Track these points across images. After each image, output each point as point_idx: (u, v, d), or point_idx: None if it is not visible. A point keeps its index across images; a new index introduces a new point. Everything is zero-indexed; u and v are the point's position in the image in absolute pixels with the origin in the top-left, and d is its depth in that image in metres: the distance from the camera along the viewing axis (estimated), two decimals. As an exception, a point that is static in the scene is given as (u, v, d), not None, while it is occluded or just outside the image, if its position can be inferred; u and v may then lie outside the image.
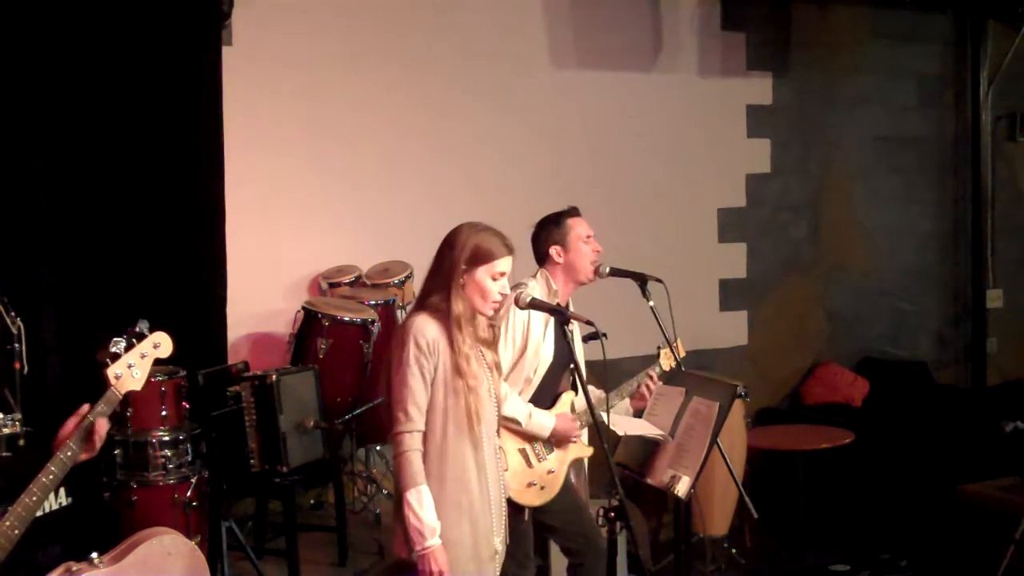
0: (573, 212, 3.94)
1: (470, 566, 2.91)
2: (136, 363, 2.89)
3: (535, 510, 3.72)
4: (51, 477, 2.68)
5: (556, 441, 3.74)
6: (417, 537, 2.82)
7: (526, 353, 3.69)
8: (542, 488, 3.72)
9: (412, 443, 2.86)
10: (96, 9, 4.69)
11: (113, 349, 2.90)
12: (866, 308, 7.09)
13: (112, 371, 2.84)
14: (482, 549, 2.94)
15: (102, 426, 2.76)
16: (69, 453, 2.71)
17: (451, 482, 2.89)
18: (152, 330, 2.98)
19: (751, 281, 6.74)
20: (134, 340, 2.94)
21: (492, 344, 3.04)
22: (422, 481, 2.84)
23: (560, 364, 3.78)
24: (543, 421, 3.69)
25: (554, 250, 3.84)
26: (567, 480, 3.85)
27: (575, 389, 3.87)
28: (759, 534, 5.53)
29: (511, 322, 3.67)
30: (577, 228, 3.87)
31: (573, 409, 3.84)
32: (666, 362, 3.96)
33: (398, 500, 2.91)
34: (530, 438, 3.70)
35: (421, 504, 2.82)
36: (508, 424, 3.54)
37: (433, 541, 2.82)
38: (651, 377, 3.91)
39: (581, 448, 3.87)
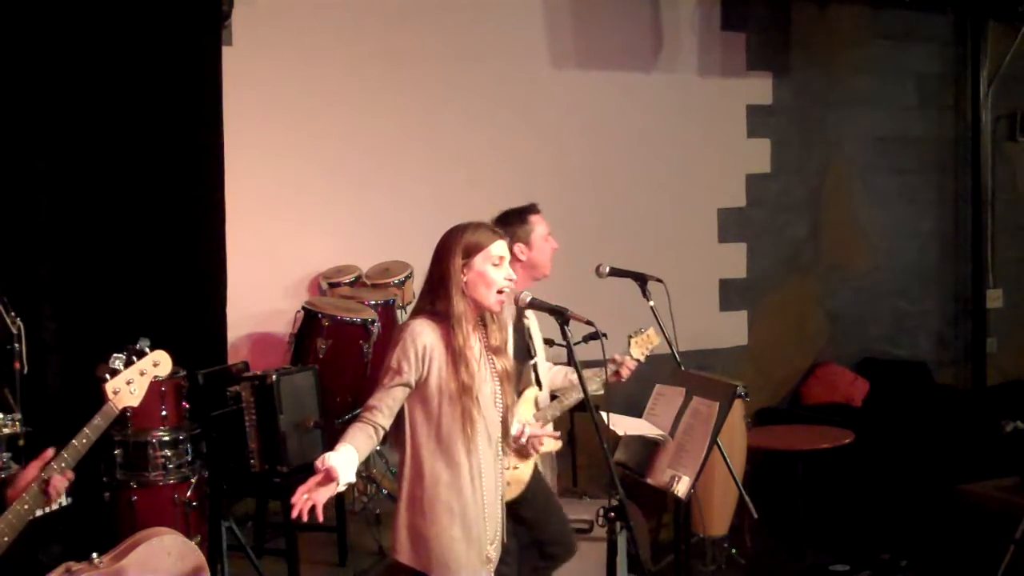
0: (535, 209, 3.96)
1: (460, 572, 2.89)
2: (135, 380, 2.91)
3: (509, 504, 3.71)
4: (1, 529, 2.70)
5: (517, 451, 3.72)
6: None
7: None
8: (508, 484, 3.71)
9: (360, 423, 2.86)
10: (96, 9, 4.69)
11: (112, 365, 2.92)
12: (866, 308, 7.09)
13: (110, 387, 2.87)
14: (474, 555, 2.92)
15: (59, 483, 2.76)
16: (25, 507, 2.73)
17: (444, 486, 2.88)
18: (153, 347, 2.99)
19: (751, 281, 6.74)
20: (134, 357, 2.95)
21: (503, 352, 3.01)
22: (348, 441, 2.82)
23: (519, 361, 3.78)
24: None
25: (518, 247, 3.86)
26: (537, 474, 3.85)
27: (538, 384, 3.90)
28: (759, 534, 5.53)
29: None
30: (539, 226, 3.91)
31: (537, 405, 3.85)
32: (637, 350, 3.96)
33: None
34: None
35: (336, 449, 2.79)
36: None
37: (327, 463, 2.74)
38: (619, 361, 3.91)
39: (548, 442, 3.84)
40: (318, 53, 5.43)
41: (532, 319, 3.89)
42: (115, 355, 2.96)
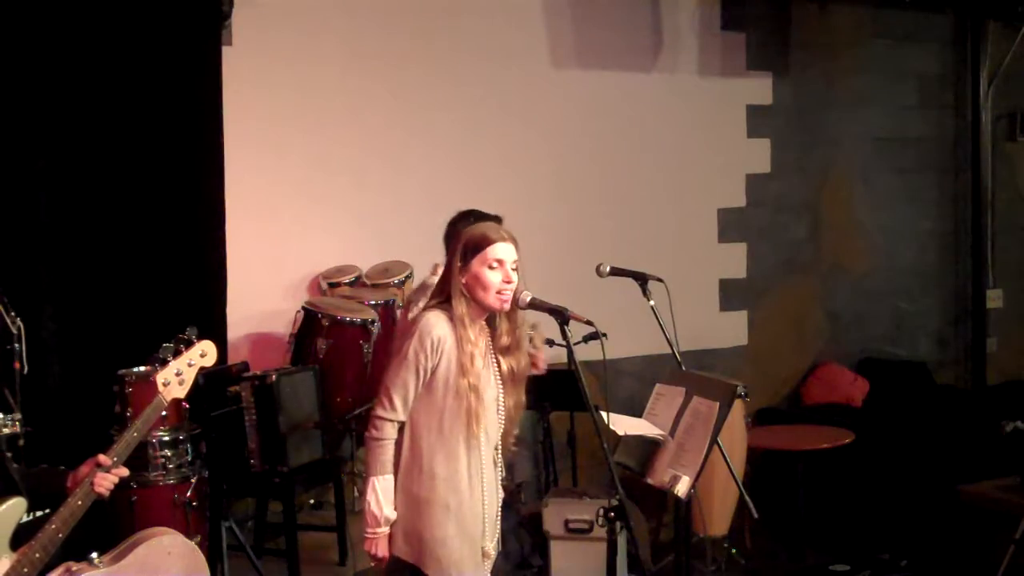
0: (496, 220, 3.95)
1: (452, 570, 2.91)
2: (184, 371, 2.91)
3: None
4: (57, 526, 2.77)
5: None
6: (372, 521, 2.92)
7: None
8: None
9: (390, 432, 2.90)
10: (97, 9, 4.69)
11: (162, 355, 2.91)
12: (866, 308, 7.09)
13: (160, 378, 2.88)
14: (468, 552, 2.94)
15: (104, 479, 2.81)
16: (79, 503, 2.79)
17: (441, 481, 2.89)
18: (200, 338, 2.97)
19: (751, 281, 6.74)
20: (182, 347, 2.94)
21: (510, 352, 3.01)
22: (391, 471, 2.90)
23: None
24: None
25: None
26: None
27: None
28: (759, 534, 5.53)
29: None
30: None
31: None
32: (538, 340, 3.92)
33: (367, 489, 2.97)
34: None
35: (387, 493, 2.90)
36: None
37: (383, 529, 2.92)
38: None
39: None
40: (318, 53, 5.43)
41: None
42: (164, 345, 2.96)
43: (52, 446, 4.08)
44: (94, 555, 3.02)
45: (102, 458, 2.83)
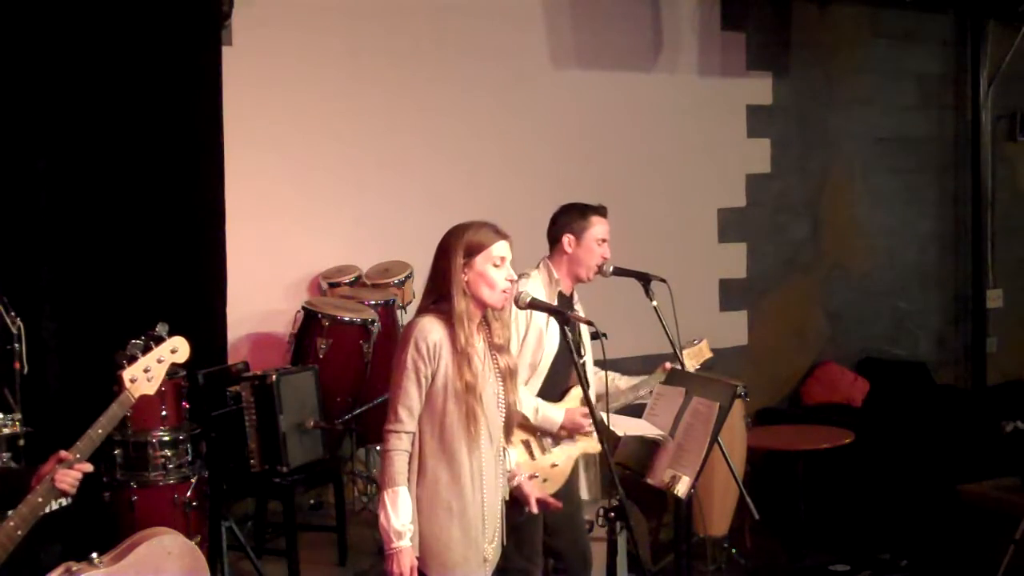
0: (600, 210, 3.94)
1: (456, 571, 2.90)
2: (152, 367, 2.87)
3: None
4: (16, 523, 2.72)
5: (566, 434, 3.75)
6: (386, 537, 2.83)
7: (527, 340, 3.69)
8: (544, 480, 3.71)
9: (398, 443, 2.86)
10: (97, 9, 4.69)
11: (130, 351, 2.89)
12: (866, 308, 7.10)
13: (128, 374, 2.83)
14: (471, 554, 2.92)
15: (67, 475, 2.76)
16: (39, 500, 2.73)
17: (444, 485, 2.88)
18: (170, 334, 2.95)
19: (751, 281, 6.74)
20: (152, 343, 2.92)
21: (506, 349, 3.01)
22: (401, 483, 2.84)
23: (567, 355, 3.77)
24: (550, 415, 3.70)
25: (567, 238, 3.84)
26: (570, 481, 3.85)
27: (585, 384, 3.86)
28: (759, 534, 5.53)
29: (515, 310, 3.67)
30: (596, 227, 3.87)
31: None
32: (689, 362, 3.96)
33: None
34: (537, 430, 3.70)
35: (396, 505, 2.82)
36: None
37: (401, 543, 2.82)
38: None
39: (589, 443, 3.85)
40: (318, 53, 5.43)
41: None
42: (133, 341, 2.92)
43: (52, 446, 4.06)
44: (94, 555, 3.02)
45: (63, 454, 2.80)
